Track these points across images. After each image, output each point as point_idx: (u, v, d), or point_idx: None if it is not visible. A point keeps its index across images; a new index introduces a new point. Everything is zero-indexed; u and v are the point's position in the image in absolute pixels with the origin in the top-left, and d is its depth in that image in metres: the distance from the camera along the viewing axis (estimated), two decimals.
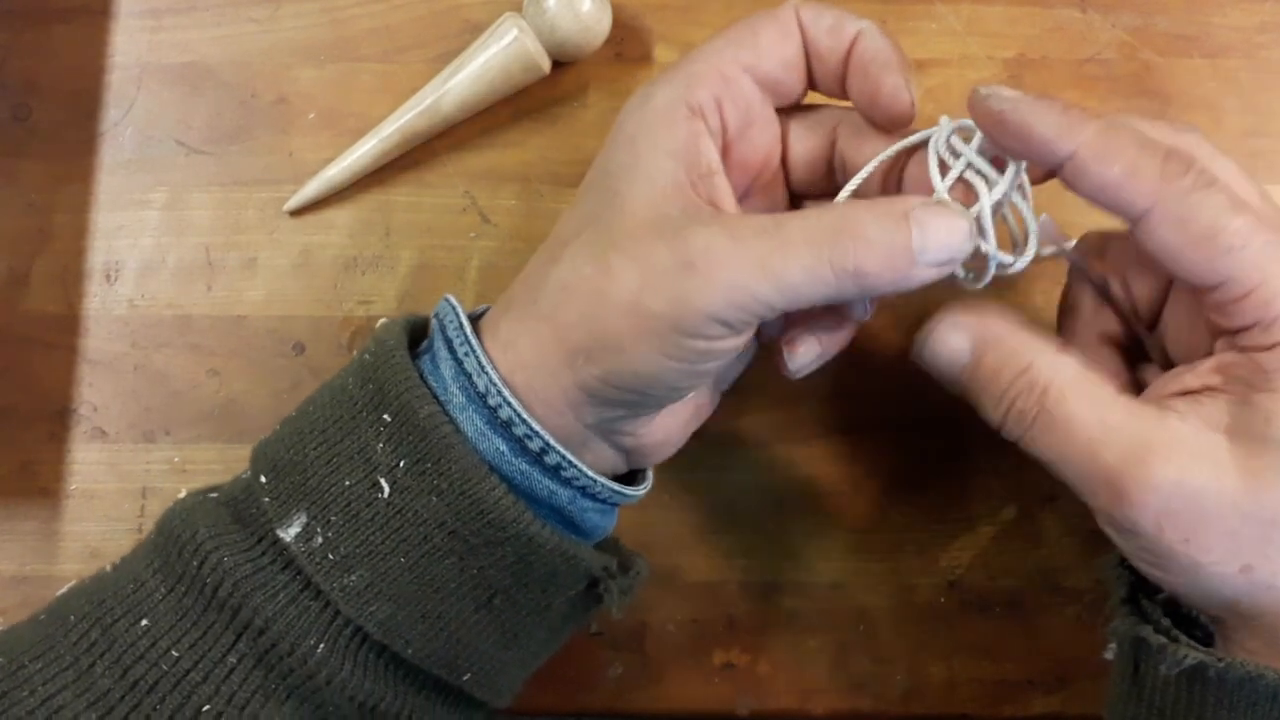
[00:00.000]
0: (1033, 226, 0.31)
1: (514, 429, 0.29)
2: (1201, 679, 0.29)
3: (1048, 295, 0.41)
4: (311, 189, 0.42)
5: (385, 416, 0.29)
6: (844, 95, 0.32)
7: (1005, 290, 0.32)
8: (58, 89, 0.44)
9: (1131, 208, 0.28)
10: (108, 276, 0.43)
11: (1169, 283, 0.32)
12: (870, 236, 0.27)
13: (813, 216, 0.28)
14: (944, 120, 0.31)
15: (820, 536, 0.41)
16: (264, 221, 0.43)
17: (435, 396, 0.30)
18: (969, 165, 0.30)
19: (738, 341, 0.29)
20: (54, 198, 0.43)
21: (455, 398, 0.30)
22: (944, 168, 0.31)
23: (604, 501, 0.32)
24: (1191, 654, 0.29)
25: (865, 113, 0.32)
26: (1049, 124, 0.28)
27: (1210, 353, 0.29)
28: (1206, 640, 0.30)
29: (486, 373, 0.29)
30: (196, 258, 0.43)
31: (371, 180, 0.43)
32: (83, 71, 0.44)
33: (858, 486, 0.41)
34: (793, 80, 0.32)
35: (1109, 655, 0.32)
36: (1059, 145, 0.28)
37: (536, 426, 0.29)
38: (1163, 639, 0.29)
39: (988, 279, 0.31)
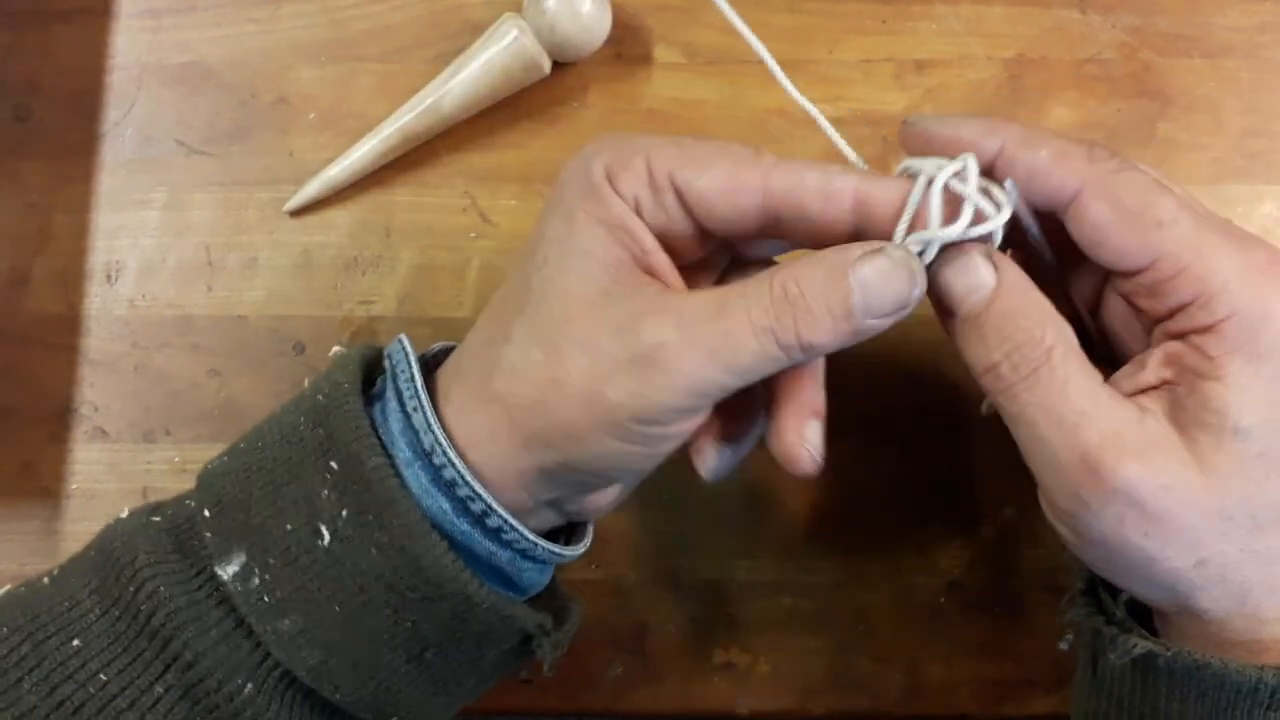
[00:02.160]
0: (970, 202, 0.29)
1: (457, 489, 0.29)
2: (1153, 668, 0.29)
3: None
4: (312, 189, 0.43)
5: (333, 464, 0.29)
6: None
7: None
8: (58, 89, 0.44)
9: (1062, 189, 0.28)
10: (108, 277, 0.43)
11: (1104, 278, 0.31)
12: (812, 307, 0.27)
13: (753, 293, 0.28)
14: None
15: (820, 536, 0.41)
16: (264, 221, 0.43)
17: (384, 448, 0.29)
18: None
19: (695, 422, 0.29)
20: (55, 198, 0.43)
21: (402, 452, 0.30)
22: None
23: (543, 562, 0.32)
24: (1141, 643, 0.29)
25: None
26: (974, 128, 0.29)
27: (1149, 345, 0.29)
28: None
29: (433, 431, 0.29)
30: (197, 258, 0.43)
31: (372, 180, 0.43)
32: (83, 72, 0.44)
33: (857, 486, 0.41)
34: (728, 223, 0.29)
35: (1063, 646, 0.33)
36: (986, 142, 0.29)
37: (480, 489, 0.29)
38: (1115, 630, 0.30)
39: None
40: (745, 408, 0.32)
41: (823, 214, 0.29)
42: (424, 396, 0.30)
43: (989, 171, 0.29)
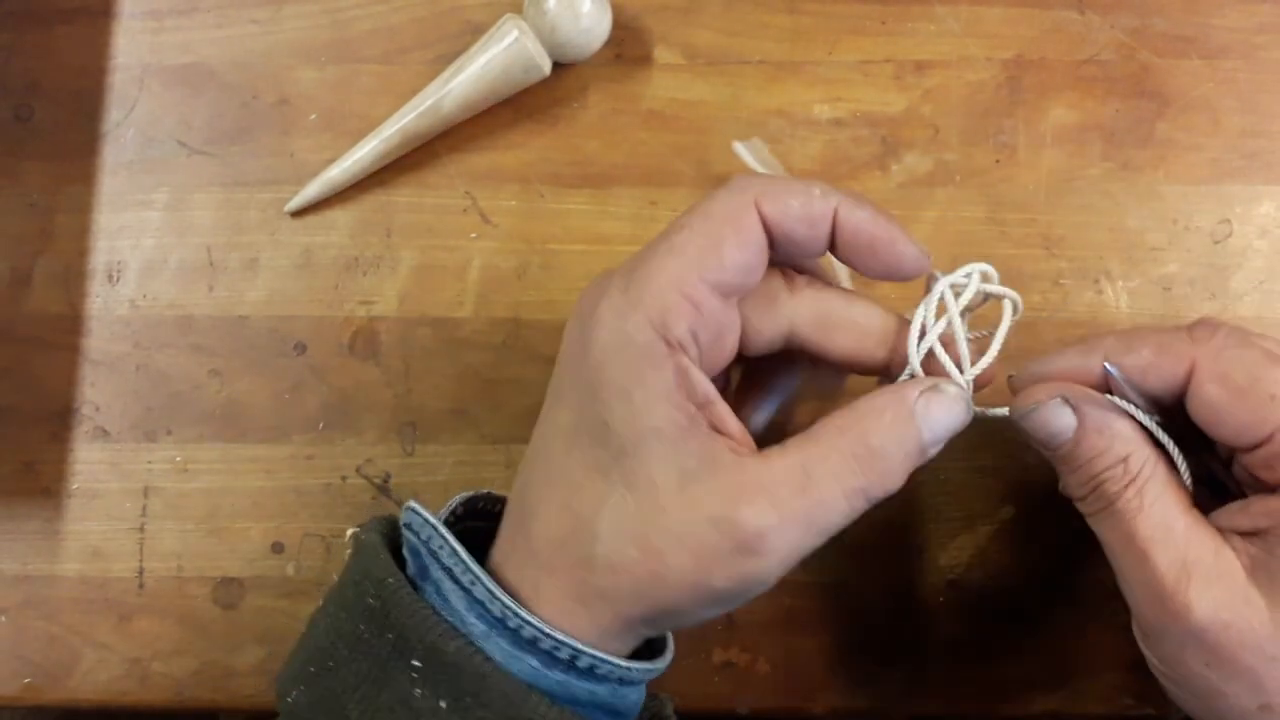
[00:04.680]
0: (964, 356, 0.31)
1: (540, 644, 0.30)
2: None
3: (1045, 295, 0.42)
4: (313, 189, 0.43)
5: (415, 662, 0.29)
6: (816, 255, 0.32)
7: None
8: (60, 89, 0.44)
9: (1174, 377, 0.29)
10: (110, 277, 0.43)
11: None
12: (890, 457, 0.29)
13: (832, 456, 0.29)
14: (940, 281, 0.32)
15: None
16: (265, 222, 0.43)
17: (455, 629, 0.30)
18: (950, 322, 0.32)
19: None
20: (56, 198, 0.43)
21: (476, 626, 0.30)
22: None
23: (639, 683, 0.32)
24: None
25: (877, 276, 0.32)
26: (1071, 356, 0.31)
27: (1263, 488, 0.30)
28: None
29: (499, 599, 0.30)
30: (198, 258, 0.43)
31: (372, 181, 0.43)
32: (85, 72, 0.44)
33: None
34: (755, 279, 0.31)
35: None
36: (1087, 362, 0.30)
37: (562, 637, 0.30)
38: None
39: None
40: (784, 366, 0.33)
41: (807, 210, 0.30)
42: (476, 569, 0.30)
43: (1105, 388, 0.31)
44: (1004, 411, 0.32)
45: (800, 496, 0.28)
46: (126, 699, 0.41)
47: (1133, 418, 0.31)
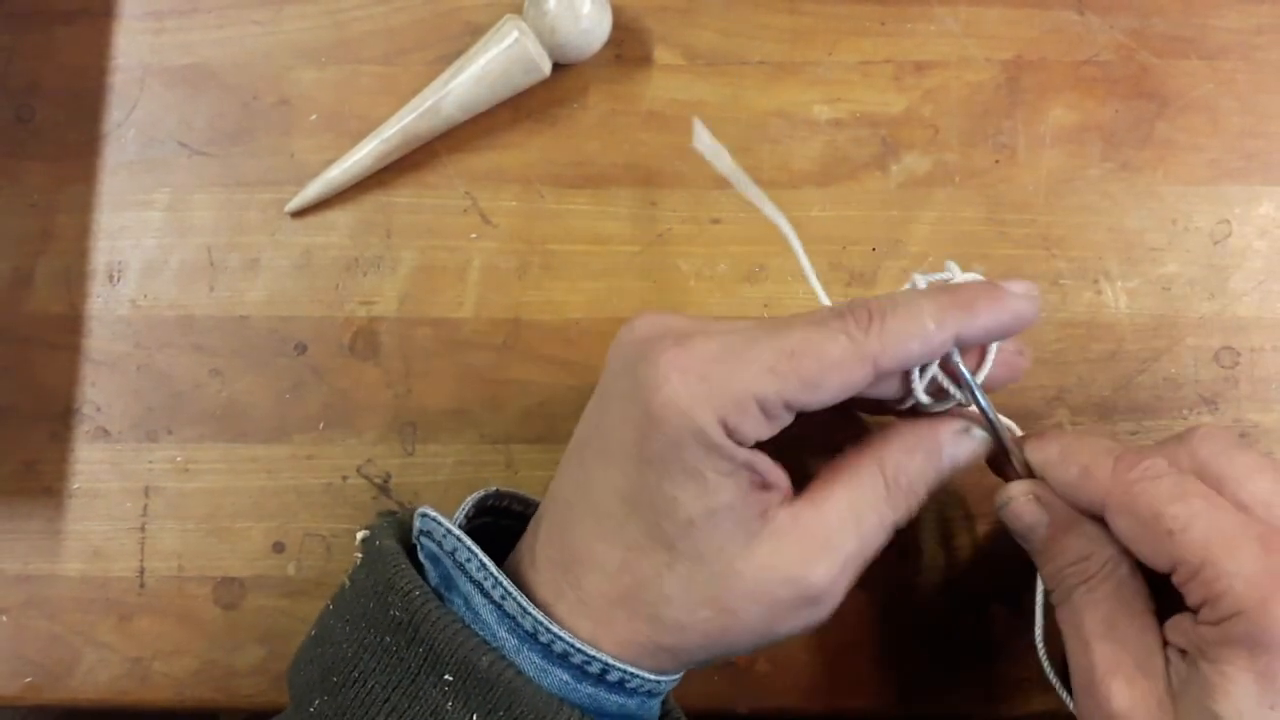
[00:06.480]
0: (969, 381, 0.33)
1: (571, 658, 0.30)
2: None
3: (1045, 296, 0.42)
4: (313, 190, 0.43)
5: (447, 676, 0.30)
6: None
7: None
8: (60, 90, 0.44)
9: (1093, 504, 0.32)
10: (111, 277, 0.43)
11: None
12: (918, 492, 0.33)
13: (871, 495, 0.32)
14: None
15: None
16: (266, 222, 0.43)
17: (486, 643, 0.30)
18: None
19: None
20: (57, 198, 0.43)
21: (507, 641, 0.30)
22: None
23: (664, 694, 0.33)
24: None
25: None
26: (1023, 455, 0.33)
27: None
28: None
29: (530, 614, 0.30)
30: (199, 258, 0.43)
31: (373, 181, 0.43)
32: (85, 73, 0.44)
33: None
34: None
35: None
36: (1032, 460, 0.34)
37: (593, 652, 0.30)
38: None
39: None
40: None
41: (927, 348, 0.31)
42: (508, 584, 0.31)
43: None
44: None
45: (854, 541, 0.31)
46: (127, 699, 0.41)
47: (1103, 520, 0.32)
